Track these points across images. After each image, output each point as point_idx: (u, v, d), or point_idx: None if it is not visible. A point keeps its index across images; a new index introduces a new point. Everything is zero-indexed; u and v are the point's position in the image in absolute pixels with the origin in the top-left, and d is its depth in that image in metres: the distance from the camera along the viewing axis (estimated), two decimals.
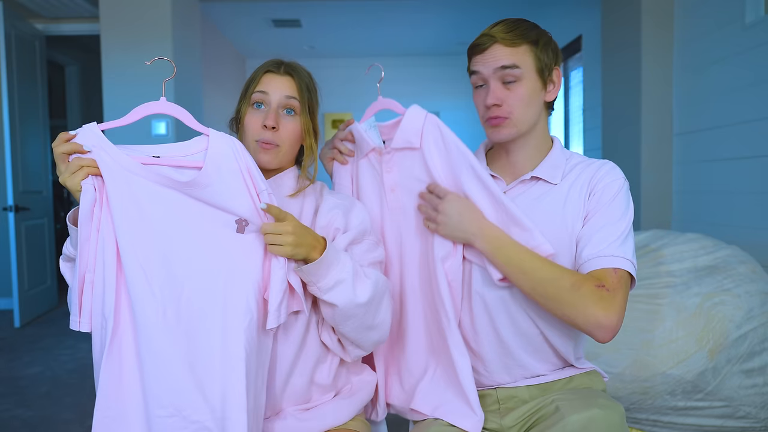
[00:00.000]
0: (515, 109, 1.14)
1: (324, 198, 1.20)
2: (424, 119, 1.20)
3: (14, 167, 4.13)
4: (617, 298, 1.03)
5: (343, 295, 1.05)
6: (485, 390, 1.22)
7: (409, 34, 5.99)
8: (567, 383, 1.19)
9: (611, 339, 1.05)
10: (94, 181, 0.99)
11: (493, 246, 1.09)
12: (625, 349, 1.92)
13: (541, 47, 1.15)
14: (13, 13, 4.17)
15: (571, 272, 1.07)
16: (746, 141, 2.86)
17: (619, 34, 3.84)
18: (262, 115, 1.14)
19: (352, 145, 1.29)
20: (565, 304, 1.04)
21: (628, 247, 1.09)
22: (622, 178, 1.16)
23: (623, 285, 1.05)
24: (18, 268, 4.16)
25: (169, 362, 0.97)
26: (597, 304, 1.02)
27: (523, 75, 1.13)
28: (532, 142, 1.20)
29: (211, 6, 4.92)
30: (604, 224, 1.10)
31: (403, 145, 1.21)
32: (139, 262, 0.99)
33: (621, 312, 1.03)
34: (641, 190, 3.57)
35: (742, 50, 2.88)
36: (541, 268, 1.07)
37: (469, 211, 1.12)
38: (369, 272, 1.11)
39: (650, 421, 1.97)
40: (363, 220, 1.17)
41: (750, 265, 2.10)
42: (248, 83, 1.18)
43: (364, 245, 1.16)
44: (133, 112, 1.08)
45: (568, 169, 1.19)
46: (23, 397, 2.88)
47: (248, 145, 1.14)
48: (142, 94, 3.74)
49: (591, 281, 1.04)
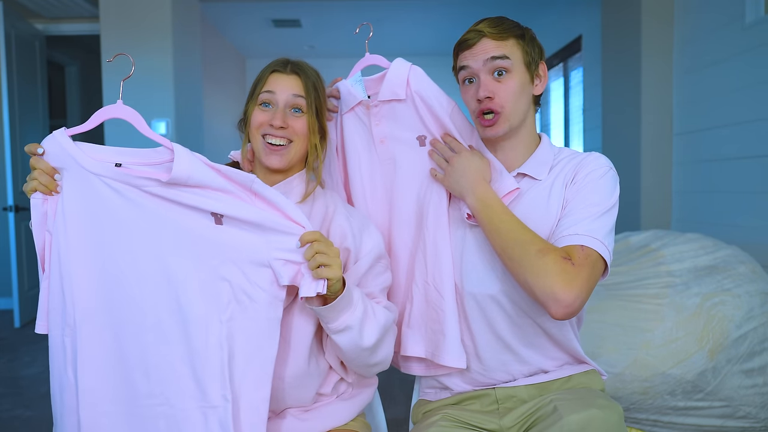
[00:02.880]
0: (507, 102, 1.15)
1: (337, 209, 1.18)
2: (408, 71, 1.26)
3: (14, 167, 4.13)
4: (581, 275, 1.01)
5: (350, 340, 1.06)
6: (483, 390, 1.22)
7: (409, 34, 5.99)
8: (565, 382, 1.19)
9: (565, 317, 1.02)
10: (43, 196, 1.04)
11: (481, 204, 1.13)
12: (625, 349, 1.92)
13: (527, 41, 1.17)
14: (13, 13, 4.17)
15: (543, 241, 1.07)
16: (746, 141, 2.86)
17: (619, 34, 3.84)
18: (270, 114, 1.14)
19: (337, 102, 1.33)
20: (528, 269, 1.03)
21: (600, 228, 1.07)
22: (607, 165, 1.15)
23: (590, 264, 1.03)
24: (18, 268, 4.16)
25: (158, 357, 1.00)
26: (558, 275, 1.01)
27: (512, 67, 1.15)
28: (522, 139, 1.21)
29: (211, 6, 4.92)
30: (580, 206, 1.10)
31: (389, 97, 1.27)
32: (105, 267, 1.02)
33: (582, 290, 1.01)
34: (641, 190, 3.56)
35: (742, 50, 2.88)
36: (515, 230, 1.08)
37: (472, 170, 1.16)
38: (379, 312, 1.10)
39: (650, 421, 1.97)
40: (376, 244, 1.16)
41: (750, 265, 2.10)
42: (255, 83, 1.18)
43: (377, 269, 1.16)
44: (94, 116, 1.10)
45: (555, 163, 1.20)
46: (23, 397, 2.88)
47: (256, 145, 1.15)
48: (142, 93, 3.75)
49: (558, 252, 1.04)
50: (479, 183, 1.15)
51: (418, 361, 1.29)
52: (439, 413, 1.19)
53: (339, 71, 1.44)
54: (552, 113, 5.82)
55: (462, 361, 1.20)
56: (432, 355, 1.23)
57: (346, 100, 1.31)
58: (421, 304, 1.25)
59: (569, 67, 5.42)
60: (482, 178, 1.15)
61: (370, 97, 1.30)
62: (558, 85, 5.62)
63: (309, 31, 5.87)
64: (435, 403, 1.27)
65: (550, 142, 1.25)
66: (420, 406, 1.31)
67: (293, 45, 6.34)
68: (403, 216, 1.28)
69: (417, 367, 1.29)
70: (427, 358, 1.25)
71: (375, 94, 1.30)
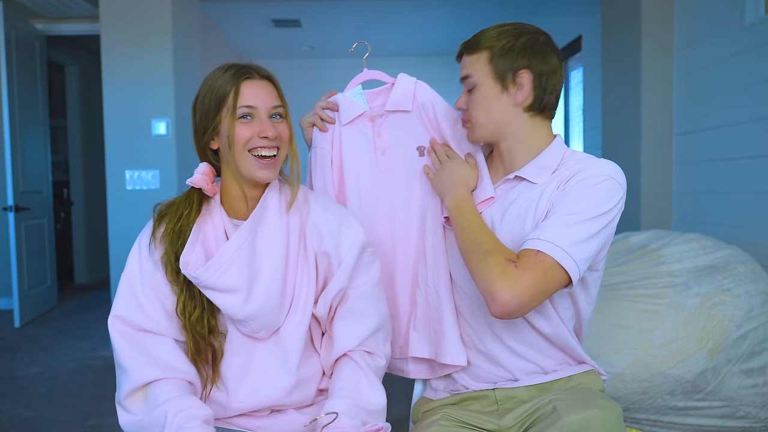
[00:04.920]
0: (473, 113, 1.20)
1: (311, 209, 1.16)
2: (414, 85, 1.33)
3: (14, 167, 4.13)
4: (523, 278, 1.02)
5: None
6: (483, 391, 1.23)
7: (409, 34, 5.98)
8: (566, 383, 1.20)
9: (502, 316, 1.04)
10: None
11: (455, 205, 1.18)
12: (625, 349, 1.92)
13: (496, 53, 1.16)
14: (13, 13, 4.17)
15: (494, 242, 1.09)
16: (746, 141, 2.86)
17: (619, 34, 3.84)
18: (254, 126, 1.08)
19: (334, 114, 1.36)
20: (474, 268, 1.08)
21: (569, 236, 1.04)
22: (606, 174, 1.10)
23: (538, 269, 1.02)
24: (18, 268, 4.16)
25: None
26: (498, 276, 1.03)
27: (478, 82, 1.18)
28: (516, 143, 1.21)
29: (211, 6, 4.92)
30: (558, 212, 1.08)
31: (395, 108, 1.33)
32: None
33: (521, 293, 1.01)
34: (641, 190, 3.56)
35: (742, 50, 2.88)
36: (474, 231, 1.12)
37: (457, 175, 1.21)
38: (366, 395, 1.10)
39: (650, 421, 1.97)
40: (358, 236, 1.15)
41: (750, 265, 2.10)
42: (222, 96, 1.08)
43: (364, 260, 1.16)
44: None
45: (560, 166, 1.18)
46: (23, 397, 2.88)
47: (241, 160, 1.09)
48: (142, 93, 3.75)
49: (504, 254, 1.06)
50: (459, 187, 1.20)
51: (424, 363, 1.32)
52: (439, 413, 1.20)
53: (339, 71, 1.46)
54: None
55: (462, 359, 1.23)
56: (435, 354, 1.26)
57: (346, 112, 1.33)
58: (423, 307, 1.28)
59: (569, 67, 5.41)
60: (464, 184, 1.21)
61: (372, 109, 1.34)
62: None
63: (309, 31, 5.87)
64: (435, 402, 1.28)
65: (562, 146, 1.22)
66: (420, 405, 1.32)
67: (293, 45, 6.34)
68: (407, 225, 1.31)
69: (424, 370, 1.32)
70: (431, 359, 1.28)
71: (376, 107, 1.34)
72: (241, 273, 1.06)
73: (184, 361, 1.09)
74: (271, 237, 1.10)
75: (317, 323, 1.18)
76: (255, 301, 1.07)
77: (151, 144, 3.77)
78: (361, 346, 1.14)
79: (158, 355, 1.07)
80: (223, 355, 1.12)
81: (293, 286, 1.12)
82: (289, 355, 1.12)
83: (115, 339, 1.09)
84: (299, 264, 1.13)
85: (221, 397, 1.12)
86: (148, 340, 1.09)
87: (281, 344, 1.12)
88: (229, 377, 1.12)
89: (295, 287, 1.12)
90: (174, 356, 1.08)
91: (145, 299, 1.09)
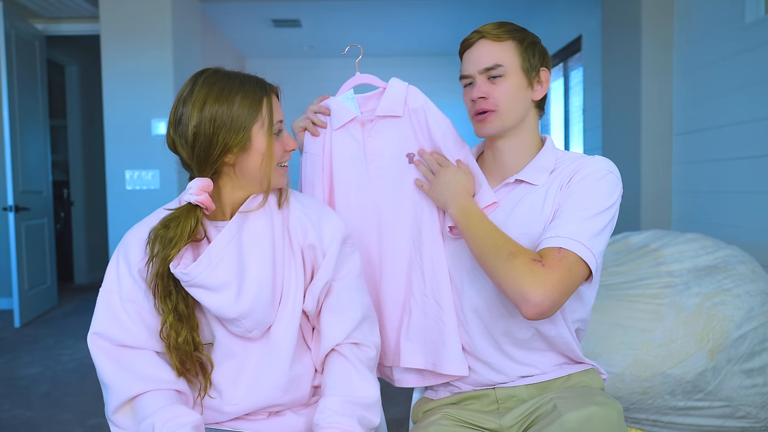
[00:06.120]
0: (500, 102, 1.17)
1: (290, 204, 1.17)
2: (405, 90, 1.30)
3: (14, 167, 4.13)
4: (552, 276, 1.01)
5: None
6: (483, 390, 1.23)
7: (409, 34, 5.98)
8: (565, 381, 1.20)
9: (536, 317, 1.02)
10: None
11: (462, 213, 1.16)
12: (625, 349, 1.92)
13: (525, 46, 1.18)
14: (13, 13, 4.17)
15: (516, 245, 1.08)
16: (746, 141, 2.86)
17: (619, 34, 3.84)
18: (281, 140, 1.12)
19: (326, 118, 1.35)
20: (500, 272, 1.05)
21: (585, 230, 1.06)
22: (605, 169, 1.14)
23: (564, 266, 1.03)
24: (18, 268, 4.16)
25: None
26: (526, 276, 1.01)
27: (507, 72, 1.16)
28: (521, 141, 1.22)
29: (211, 6, 4.92)
30: (568, 209, 1.10)
31: (386, 113, 1.30)
32: None
33: (552, 291, 1.01)
34: (641, 190, 3.56)
35: (742, 50, 2.88)
36: (490, 235, 1.10)
37: (456, 183, 1.19)
38: (359, 391, 1.11)
39: (650, 421, 1.97)
40: (338, 227, 1.16)
41: (750, 265, 2.10)
42: (259, 111, 1.07)
43: (346, 251, 1.16)
44: None
45: (556, 167, 1.20)
46: (23, 397, 2.88)
47: (274, 173, 1.11)
48: (142, 93, 3.75)
49: (528, 255, 1.04)
50: (462, 194, 1.18)
51: (415, 372, 1.30)
52: (439, 412, 1.20)
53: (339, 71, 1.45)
54: (552, 113, 5.81)
55: (464, 369, 1.22)
56: (433, 365, 1.25)
57: (338, 116, 1.32)
58: (419, 317, 1.26)
59: (569, 67, 5.42)
60: (465, 191, 1.19)
61: (363, 114, 1.33)
62: (558, 85, 5.62)
63: (309, 31, 5.87)
64: (435, 402, 1.28)
65: (554, 146, 1.24)
66: (420, 405, 1.32)
67: (293, 45, 6.34)
68: (396, 232, 1.29)
69: (413, 378, 1.31)
70: (424, 369, 1.27)
71: (368, 111, 1.33)
72: (231, 269, 1.06)
73: (168, 372, 1.08)
74: (256, 233, 1.10)
75: (308, 319, 1.18)
76: (246, 298, 1.06)
77: (151, 144, 3.77)
78: (349, 339, 1.14)
79: (141, 369, 1.06)
80: (213, 367, 1.11)
81: (282, 280, 1.12)
82: (282, 353, 1.11)
83: (96, 356, 1.07)
84: (286, 258, 1.13)
85: (215, 403, 1.12)
86: (129, 354, 1.07)
87: (273, 343, 1.11)
88: (223, 383, 1.12)
89: (284, 282, 1.12)
90: (157, 368, 1.07)
91: (124, 314, 1.07)
